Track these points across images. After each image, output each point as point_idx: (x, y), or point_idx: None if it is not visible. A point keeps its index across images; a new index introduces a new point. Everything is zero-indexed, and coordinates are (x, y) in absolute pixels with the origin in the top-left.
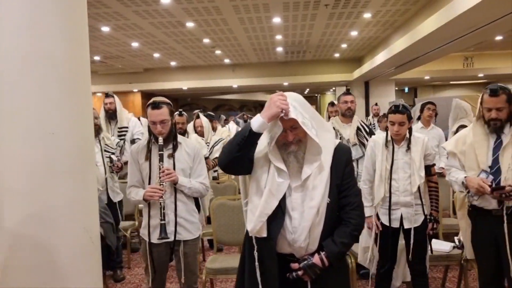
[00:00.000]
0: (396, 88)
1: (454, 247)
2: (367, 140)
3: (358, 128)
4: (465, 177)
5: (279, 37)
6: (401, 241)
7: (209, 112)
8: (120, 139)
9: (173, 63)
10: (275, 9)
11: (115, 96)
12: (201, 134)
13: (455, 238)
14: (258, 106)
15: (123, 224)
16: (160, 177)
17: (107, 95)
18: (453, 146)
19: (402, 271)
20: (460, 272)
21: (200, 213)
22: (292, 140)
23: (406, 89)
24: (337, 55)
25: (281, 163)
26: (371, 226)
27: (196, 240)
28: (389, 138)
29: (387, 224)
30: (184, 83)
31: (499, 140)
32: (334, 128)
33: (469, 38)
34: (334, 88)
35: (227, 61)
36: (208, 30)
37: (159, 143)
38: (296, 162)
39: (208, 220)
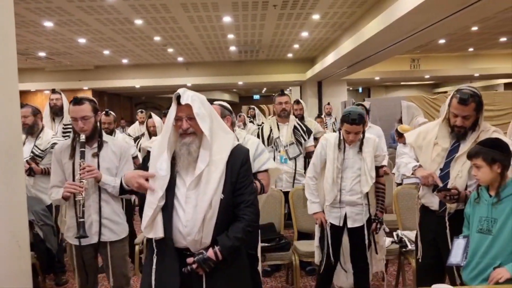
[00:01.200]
0: (351, 88)
1: (392, 242)
2: (304, 139)
3: (295, 127)
4: (416, 165)
5: (231, 36)
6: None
7: (165, 111)
8: (64, 137)
9: (124, 61)
10: (225, 8)
11: (62, 93)
12: (154, 133)
13: (394, 233)
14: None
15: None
16: (80, 174)
17: (53, 91)
18: (413, 140)
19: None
20: (398, 266)
21: None
22: (186, 130)
23: (360, 89)
24: (290, 55)
25: (169, 152)
26: (319, 222)
27: (123, 241)
28: (341, 137)
29: (332, 223)
30: (137, 81)
31: (457, 144)
32: (270, 127)
33: (411, 40)
34: (290, 88)
35: (180, 59)
36: (158, 28)
37: (80, 140)
38: (188, 155)
39: None
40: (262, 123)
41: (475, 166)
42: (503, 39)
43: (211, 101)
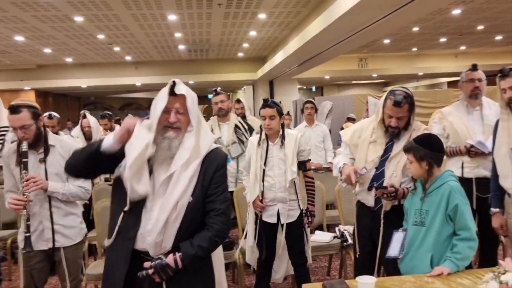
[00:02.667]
0: (304, 87)
1: (334, 237)
2: (246, 138)
3: (236, 126)
4: (344, 164)
5: (178, 34)
6: (282, 237)
7: (106, 112)
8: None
9: (68, 60)
10: (168, 6)
11: None
12: (89, 134)
13: (336, 228)
14: None
15: (2, 233)
16: (23, 187)
17: None
18: (348, 138)
19: (286, 266)
20: (341, 260)
21: None
22: (172, 124)
23: (314, 88)
24: (240, 54)
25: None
26: (257, 210)
27: (77, 246)
28: (263, 136)
29: (266, 220)
30: (83, 81)
31: (391, 143)
32: (211, 127)
33: (354, 39)
34: (244, 88)
35: (128, 58)
36: (101, 25)
37: (22, 149)
38: (168, 149)
39: None
40: None
41: (408, 161)
42: (443, 39)
43: None
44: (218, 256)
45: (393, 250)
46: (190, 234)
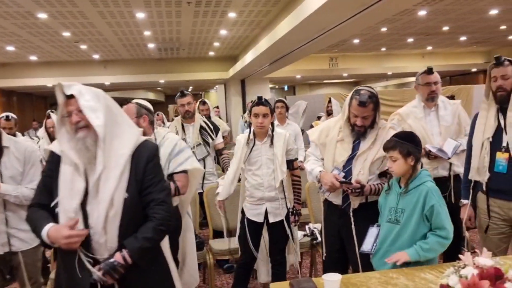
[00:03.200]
0: (276, 86)
1: (304, 236)
2: (212, 139)
3: (201, 127)
4: (320, 171)
5: (148, 33)
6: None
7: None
8: None
9: (33, 58)
10: (136, 4)
11: None
12: (53, 135)
13: (306, 226)
14: None
15: None
16: None
17: None
18: (316, 137)
19: (266, 266)
20: (311, 258)
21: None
22: (76, 124)
23: (286, 87)
24: (212, 53)
25: (74, 153)
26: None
27: (35, 249)
28: (251, 136)
29: (252, 219)
30: (48, 80)
31: (357, 141)
32: (176, 128)
33: (324, 39)
34: (216, 87)
35: (96, 57)
36: (66, 23)
37: None
38: (86, 150)
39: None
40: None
41: (390, 159)
42: (410, 39)
43: (128, 99)
44: (190, 245)
45: (367, 245)
46: (134, 231)
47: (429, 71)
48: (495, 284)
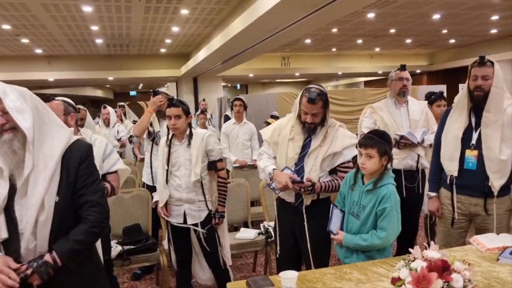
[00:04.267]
0: (229, 85)
1: (259, 234)
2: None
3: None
4: (274, 169)
5: (95, 28)
6: (195, 237)
7: None
8: None
9: None
10: None
11: None
12: None
13: (261, 225)
14: (88, 102)
15: None
16: None
17: None
18: (268, 136)
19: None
20: (266, 256)
21: None
22: (2, 126)
23: (239, 86)
24: (163, 50)
25: None
26: (162, 214)
27: None
28: (169, 136)
29: (172, 221)
30: None
31: (308, 139)
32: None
33: (277, 38)
34: (167, 85)
35: (39, 51)
36: (6, 15)
37: None
38: (12, 154)
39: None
40: (134, 121)
41: (367, 156)
42: (359, 41)
43: (75, 97)
44: None
45: (334, 225)
46: (65, 234)
47: (402, 67)
48: (443, 275)
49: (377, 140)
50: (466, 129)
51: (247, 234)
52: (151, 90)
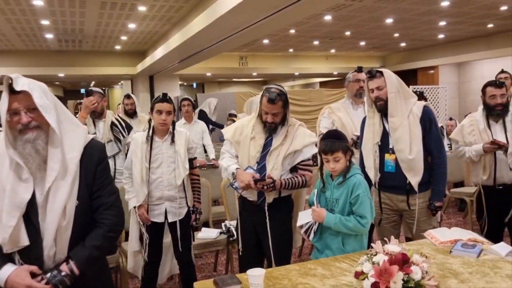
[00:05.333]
0: (185, 84)
1: (221, 233)
2: (123, 136)
3: (112, 123)
4: (237, 168)
5: (46, 22)
6: (169, 236)
7: None
8: None
9: None
10: None
11: None
12: None
13: (223, 224)
14: None
15: None
16: None
17: None
18: (230, 135)
19: (170, 265)
20: (227, 255)
21: None
22: (27, 124)
23: (195, 85)
24: (118, 47)
25: (19, 157)
26: (141, 218)
27: None
28: (150, 133)
29: (152, 220)
30: None
31: (269, 138)
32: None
33: (237, 38)
34: (121, 82)
35: None
36: None
37: None
38: (36, 153)
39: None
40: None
41: (334, 160)
42: (316, 42)
43: None
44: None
45: (313, 196)
46: (82, 237)
47: (359, 69)
48: (403, 268)
49: (339, 142)
50: (383, 136)
51: (209, 233)
52: (103, 88)
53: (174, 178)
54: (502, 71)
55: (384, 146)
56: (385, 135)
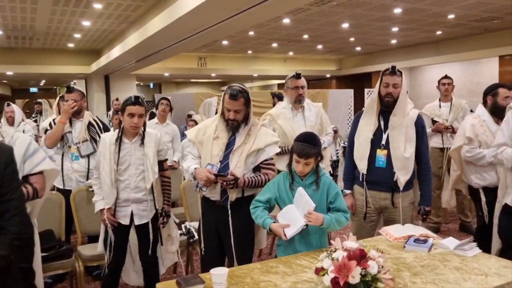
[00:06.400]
0: (142, 84)
1: (181, 234)
2: (99, 136)
3: (90, 123)
4: (195, 168)
5: None
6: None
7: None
8: None
9: None
10: None
11: None
12: None
13: (183, 225)
14: None
15: None
16: None
17: None
18: (193, 136)
19: (133, 269)
20: (187, 256)
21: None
22: None
23: (152, 85)
24: (71, 45)
25: None
26: (106, 222)
27: None
28: (119, 134)
29: (119, 222)
30: None
31: (232, 137)
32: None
33: (196, 39)
34: (74, 81)
35: None
36: None
37: None
38: None
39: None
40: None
41: (306, 164)
42: (274, 44)
43: None
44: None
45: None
46: None
47: (298, 76)
48: (361, 263)
49: (311, 149)
50: (377, 131)
51: None
52: (54, 87)
53: (143, 180)
54: (446, 77)
55: (375, 141)
56: (378, 131)
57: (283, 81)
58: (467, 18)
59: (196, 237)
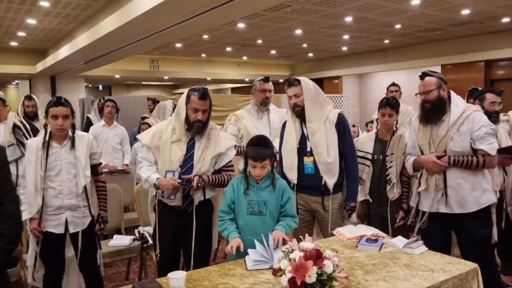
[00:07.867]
0: (90, 85)
1: (134, 240)
2: (26, 139)
3: (15, 126)
4: (157, 178)
5: None
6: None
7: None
8: None
9: None
10: None
11: None
12: None
13: (136, 230)
14: None
15: None
16: None
17: None
18: (148, 141)
19: (78, 279)
20: (141, 262)
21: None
22: None
23: (101, 87)
24: (14, 43)
25: None
26: (33, 234)
27: None
28: (47, 139)
29: (50, 231)
30: None
31: (192, 142)
32: None
33: (150, 41)
34: (17, 82)
35: None
36: None
37: None
38: None
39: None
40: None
41: (262, 167)
42: (228, 48)
43: None
44: None
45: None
46: None
47: (266, 79)
48: (317, 262)
49: (268, 150)
50: (302, 139)
51: (122, 241)
52: None
53: (76, 185)
54: (393, 84)
55: (302, 149)
56: (303, 139)
57: (236, 85)
58: (413, 28)
59: (150, 242)
